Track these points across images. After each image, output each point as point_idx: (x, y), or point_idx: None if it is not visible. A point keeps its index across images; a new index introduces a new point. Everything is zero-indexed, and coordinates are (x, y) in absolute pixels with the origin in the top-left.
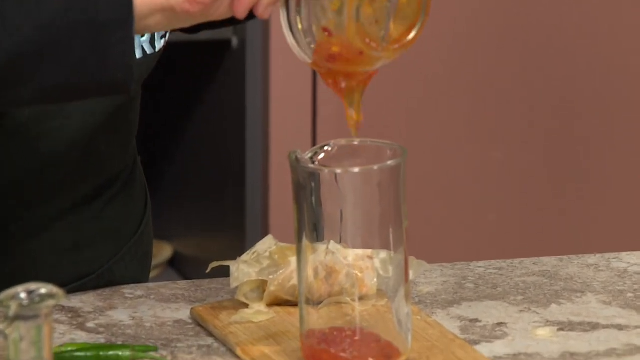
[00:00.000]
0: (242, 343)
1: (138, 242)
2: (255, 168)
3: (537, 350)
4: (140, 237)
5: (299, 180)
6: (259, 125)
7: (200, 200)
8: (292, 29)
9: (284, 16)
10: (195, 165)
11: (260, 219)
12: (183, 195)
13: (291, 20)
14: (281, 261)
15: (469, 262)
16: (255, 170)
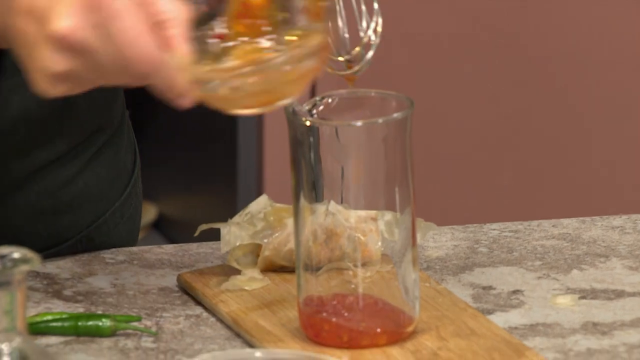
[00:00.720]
0: (233, 312)
1: (123, 205)
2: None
3: (557, 320)
4: (126, 200)
5: (296, 135)
6: None
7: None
8: None
9: None
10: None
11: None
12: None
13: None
14: (277, 223)
15: (482, 224)
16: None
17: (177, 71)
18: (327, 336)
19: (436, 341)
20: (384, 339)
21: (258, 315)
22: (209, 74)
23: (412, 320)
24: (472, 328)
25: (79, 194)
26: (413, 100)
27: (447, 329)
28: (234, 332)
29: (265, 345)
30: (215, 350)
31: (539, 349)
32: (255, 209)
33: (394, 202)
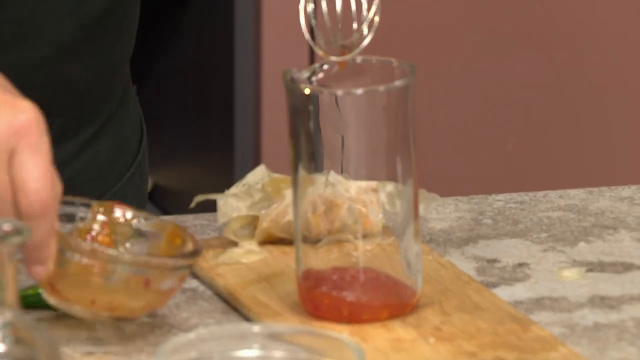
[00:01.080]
0: (230, 286)
1: (126, 187)
2: (245, 89)
3: (563, 293)
4: (129, 181)
5: (295, 103)
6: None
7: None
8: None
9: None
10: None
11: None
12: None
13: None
14: (275, 194)
15: (486, 195)
16: (245, 91)
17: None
18: (326, 310)
19: (439, 315)
20: (386, 313)
21: (256, 289)
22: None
23: (414, 294)
24: (476, 302)
25: (75, 176)
26: (415, 67)
27: (450, 303)
28: (231, 306)
29: (263, 319)
30: (212, 324)
31: (544, 324)
32: (252, 179)
33: (395, 172)
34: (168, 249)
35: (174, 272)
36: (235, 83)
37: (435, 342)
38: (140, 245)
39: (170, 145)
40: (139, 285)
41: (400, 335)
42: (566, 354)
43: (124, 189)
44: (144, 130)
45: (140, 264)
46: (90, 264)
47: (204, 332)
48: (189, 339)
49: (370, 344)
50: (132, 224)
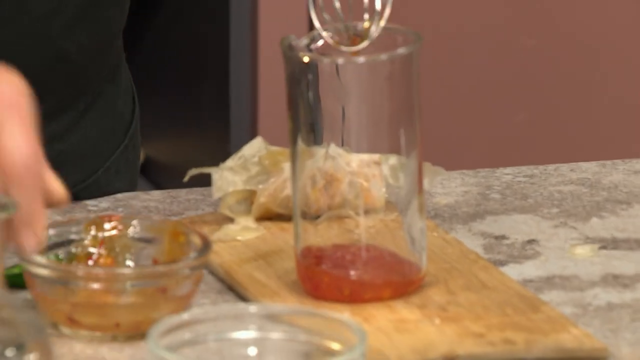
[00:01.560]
0: (226, 264)
1: (119, 160)
2: (241, 57)
3: (575, 272)
4: (122, 154)
5: (293, 72)
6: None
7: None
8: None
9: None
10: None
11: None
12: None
13: None
14: (272, 168)
15: (494, 168)
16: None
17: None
18: (326, 289)
19: (445, 295)
20: (389, 293)
21: (252, 267)
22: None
23: (418, 272)
24: (483, 281)
25: (70, 150)
26: (420, 35)
27: (456, 282)
28: (227, 285)
29: (260, 299)
30: (207, 304)
31: (555, 304)
32: (249, 152)
33: (399, 144)
34: (173, 249)
35: (188, 274)
36: (230, 51)
37: (440, 323)
38: (144, 254)
39: (163, 116)
40: (157, 296)
41: (403, 316)
42: (578, 335)
43: (118, 161)
44: (135, 100)
45: (148, 274)
46: (100, 288)
47: (198, 312)
48: (182, 319)
49: (373, 325)
50: (129, 234)
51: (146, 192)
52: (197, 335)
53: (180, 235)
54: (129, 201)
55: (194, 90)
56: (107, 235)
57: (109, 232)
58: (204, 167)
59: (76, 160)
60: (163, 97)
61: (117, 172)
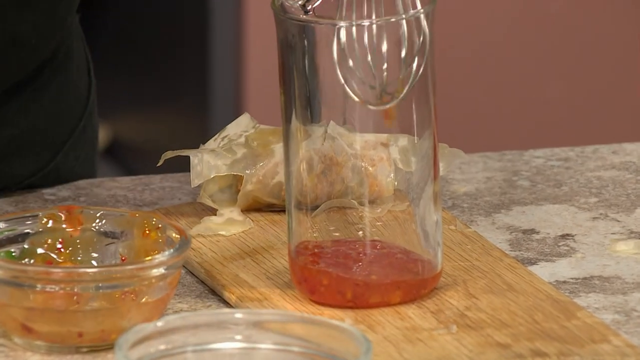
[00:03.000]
0: (207, 263)
1: (77, 143)
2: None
3: (616, 272)
4: (80, 136)
5: (287, 37)
6: None
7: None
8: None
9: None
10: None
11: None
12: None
13: None
14: (261, 150)
15: (522, 150)
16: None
17: None
18: (325, 292)
19: (463, 299)
20: (398, 296)
21: (238, 267)
22: None
23: (433, 272)
24: (509, 283)
25: (20, 136)
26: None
27: (477, 284)
28: (208, 287)
29: (247, 304)
30: (185, 310)
31: (593, 309)
32: (234, 131)
33: (410, 123)
34: (145, 245)
35: (162, 275)
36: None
37: (458, 331)
38: (110, 251)
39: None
40: (126, 300)
41: (415, 323)
42: (620, 346)
43: (77, 145)
44: (91, 74)
45: (116, 275)
46: (59, 291)
47: (174, 319)
48: (155, 328)
49: (379, 334)
50: (93, 228)
51: (113, 178)
52: (173, 347)
53: (153, 229)
54: (93, 189)
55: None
56: (68, 229)
57: (70, 226)
58: (181, 150)
59: (31, 145)
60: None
61: (77, 157)
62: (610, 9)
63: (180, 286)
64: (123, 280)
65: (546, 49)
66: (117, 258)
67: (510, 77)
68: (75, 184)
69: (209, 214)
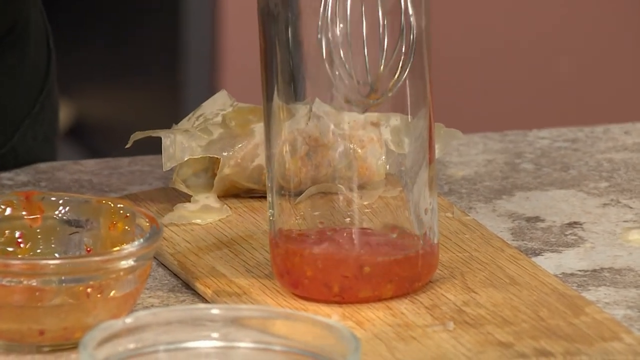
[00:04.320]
0: (181, 255)
1: (35, 123)
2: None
3: (629, 263)
4: (41, 112)
5: (268, 5)
6: None
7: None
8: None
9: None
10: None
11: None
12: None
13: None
14: (240, 130)
15: (526, 130)
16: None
17: None
18: (310, 286)
19: (461, 293)
20: (390, 290)
21: (215, 258)
22: None
23: (428, 264)
24: (511, 275)
25: None
26: None
27: (476, 277)
28: (182, 280)
29: (224, 299)
30: (156, 305)
31: (603, 304)
32: (210, 110)
33: (404, 100)
34: (113, 235)
35: (131, 267)
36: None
37: (456, 328)
38: (74, 241)
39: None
40: (92, 295)
41: (408, 320)
42: (632, 345)
43: (35, 125)
44: (50, 44)
45: (81, 267)
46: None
47: (144, 315)
48: (124, 325)
49: (369, 331)
50: (55, 216)
51: (76, 161)
52: (143, 346)
53: (120, 219)
54: (55, 173)
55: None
56: (27, 218)
57: (29, 214)
58: (151, 130)
59: None
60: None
61: (35, 137)
62: None
63: (151, 279)
64: (88, 273)
65: (553, 19)
66: (82, 249)
67: (514, 50)
68: (35, 167)
69: (182, 201)
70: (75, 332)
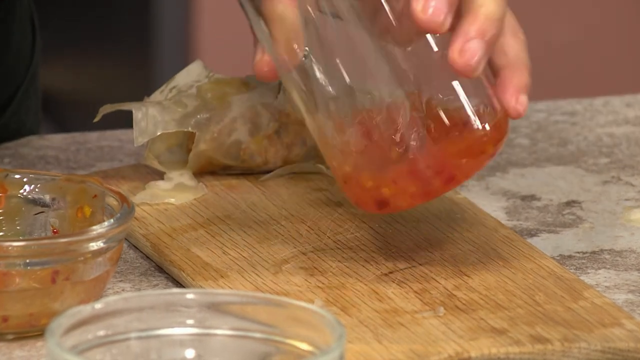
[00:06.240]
0: (153, 236)
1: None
2: None
3: (630, 244)
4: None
5: None
6: None
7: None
8: None
9: None
10: None
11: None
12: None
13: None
14: (217, 102)
15: None
16: None
17: None
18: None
19: (452, 276)
20: None
21: (190, 240)
22: None
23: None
24: (504, 257)
25: None
26: None
27: (467, 259)
28: (155, 264)
29: (200, 283)
30: (128, 290)
31: (603, 288)
32: (184, 81)
33: None
34: (81, 215)
35: (101, 249)
36: None
37: (446, 314)
38: (39, 222)
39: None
40: (58, 279)
41: (396, 305)
42: (634, 331)
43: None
44: (36, 30)
45: (46, 249)
46: None
47: (115, 301)
48: (93, 311)
49: (354, 317)
50: (19, 194)
51: (42, 136)
52: (114, 333)
53: (89, 196)
54: (19, 149)
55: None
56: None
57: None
58: (121, 103)
59: None
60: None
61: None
62: None
63: (122, 262)
64: (55, 255)
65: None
66: (48, 230)
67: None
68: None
69: (155, 178)
70: (42, 318)
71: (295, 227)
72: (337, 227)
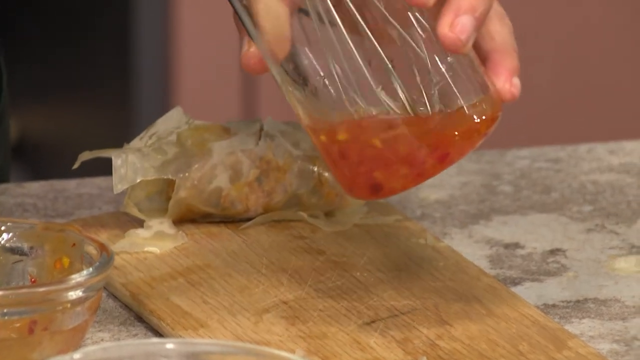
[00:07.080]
0: (133, 285)
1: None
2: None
3: (615, 293)
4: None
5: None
6: None
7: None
8: None
9: None
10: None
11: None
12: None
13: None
14: (196, 149)
15: (504, 149)
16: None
17: None
18: None
19: (435, 326)
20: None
21: (169, 289)
22: None
23: None
24: (488, 306)
25: None
26: None
27: (450, 308)
28: (134, 313)
29: (180, 333)
30: (107, 340)
31: (588, 337)
32: (164, 128)
33: None
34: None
35: (80, 299)
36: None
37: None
38: (17, 271)
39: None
40: (36, 329)
41: (378, 355)
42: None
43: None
44: (2, 69)
45: (24, 299)
46: None
47: (94, 351)
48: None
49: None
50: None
51: (19, 184)
52: None
53: (68, 244)
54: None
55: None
56: None
57: None
58: (101, 150)
59: None
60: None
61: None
62: None
63: (101, 312)
64: (33, 305)
65: (533, 29)
66: (26, 279)
67: None
68: None
69: (134, 226)
70: None
71: (276, 276)
72: (319, 276)
